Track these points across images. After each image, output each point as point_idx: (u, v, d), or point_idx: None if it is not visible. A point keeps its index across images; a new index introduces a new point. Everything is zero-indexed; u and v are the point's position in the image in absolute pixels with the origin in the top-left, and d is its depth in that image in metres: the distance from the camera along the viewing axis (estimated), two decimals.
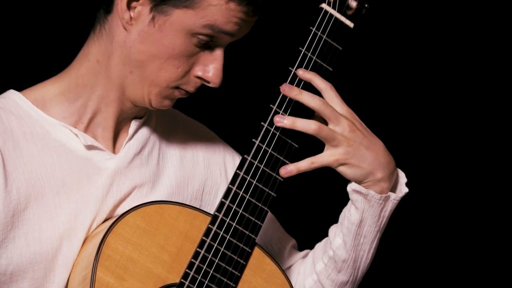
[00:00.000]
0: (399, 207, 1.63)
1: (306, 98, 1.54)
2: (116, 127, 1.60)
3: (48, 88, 1.56)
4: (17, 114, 1.52)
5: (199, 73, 1.54)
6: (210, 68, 1.54)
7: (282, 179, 1.56)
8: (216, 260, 1.51)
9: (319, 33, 1.58)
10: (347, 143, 1.55)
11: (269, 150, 1.55)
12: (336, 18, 1.59)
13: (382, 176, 1.59)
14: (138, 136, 1.63)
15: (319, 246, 1.73)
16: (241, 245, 1.53)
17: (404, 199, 1.64)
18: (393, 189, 1.63)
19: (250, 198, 1.53)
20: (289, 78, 1.56)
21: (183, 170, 1.68)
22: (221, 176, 1.74)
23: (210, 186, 1.72)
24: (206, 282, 1.50)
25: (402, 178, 1.66)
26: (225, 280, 1.52)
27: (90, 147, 1.55)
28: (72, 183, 1.52)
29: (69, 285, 1.51)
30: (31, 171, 1.49)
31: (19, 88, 1.57)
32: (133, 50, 1.51)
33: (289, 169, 1.55)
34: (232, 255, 1.52)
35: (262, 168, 1.54)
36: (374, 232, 1.63)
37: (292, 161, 1.56)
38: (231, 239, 1.52)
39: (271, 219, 1.80)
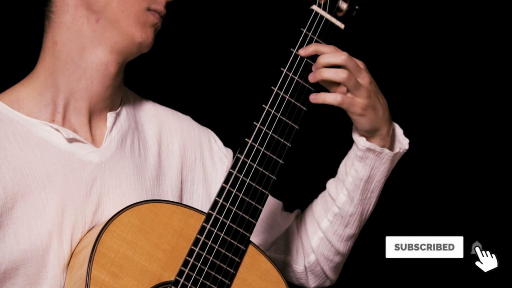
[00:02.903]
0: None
1: (330, 56, 1.57)
2: (90, 107, 1.61)
3: (20, 89, 1.60)
4: None
5: None
6: None
7: (275, 178, 1.57)
8: (211, 258, 1.52)
9: (310, 34, 1.60)
10: (367, 94, 1.59)
11: (262, 149, 1.56)
12: (326, 20, 1.62)
13: (387, 131, 1.65)
14: (118, 128, 1.65)
15: (317, 204, 1.77)
16: (235, 243, 1.54)
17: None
18: (392, 142, 1.69)
19: (244, 197, 1.55)
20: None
21: (161, 162, 1.70)
22: (195, 162, 1.76)
23: (186, 173, 1.75)
24: (201, 279, 1.51)
25: (398, 129, 1.71)
26: (220, 277, 1.52)
27: (71, 140, 1.58)
28: (58, 178, 1.54)
29: (66, 285, 1.52)
30: (16, 170, 1.51)
31: None
32: None
33: (316, 97, 1.58)
34: (227, 253, 1.53)
35: (256, 167, 1.56)
36: (381, 186, 1.70)
37: (284, 160, 1.57)
38: (225, 237, 1.53)
39: None
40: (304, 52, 1.59)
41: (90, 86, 1.60)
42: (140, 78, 1.67)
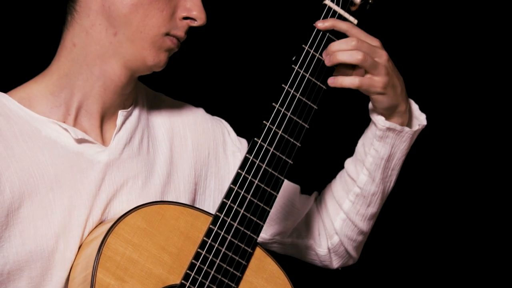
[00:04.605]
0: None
1: (341, 43, 1.55)
2: (102, 111, 1.58)
3: (33, 86, 1.56)
4: (4, 115, 1.51)
5: (184, 14, 1.56)
6: (192, 6, 1.56)
7: (284, 179, 1.54)
8: (217, 261, 1.50)
9: (322, 30, 1.57)
10: (386, 71, 1.57)
11: (271, 149, 1.53)
12: (339, 15, 1.59)
13: (405, 107, 1.63)
14: (127, 126, 1.62)
15: (336, 185, 1.76)
16: (243, 246, 1.52)
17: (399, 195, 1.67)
18: (409, 118, 1.68)
19: (252, 198, 1.52)
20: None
21: (172, 157, 1.68)
22: (209, 157, 1.74)
23: (200, 168, 1.72)
24: (207, 283, 1.49)
25: (414, 104, 1.70)
26: (226, 281, 1.50)
27: (80, 141, 1.55)
28: (65, 178, 1.52)
29: (69, 286, 1.50)
30: (24, 169, 1.48)
31: (5, 90, 1.57)
32: (114, 7, 1.52)
33: (333, 81, 1.56)
34: (233, 256, 1.51)
35: (264, 167, 1.53)
36: (401, 163, 1.69)
37: (294, 160, 1.55)
38: (232, 239, 1.51)
39: None
40: (321, 24, 1.56)
41: (103, 92, 1.57)
42: (151, 74, 1.63)
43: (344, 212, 1.73)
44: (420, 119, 1.68)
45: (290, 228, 1.79)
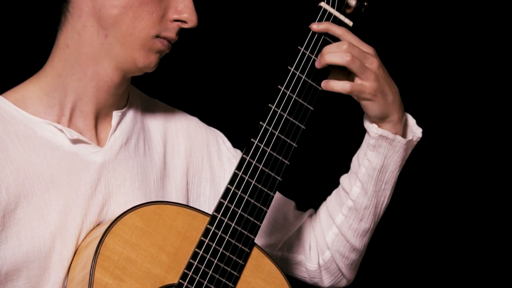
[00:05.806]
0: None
1: (332, 47, 1.56)
2: (96, 112, 1.59)
3: (27, 87, 1.57)
4: None
5: (175, 16, 1.56)
6: (183, 9, 1.56)
7: (281, 179, 1.55)
8: (215, 261, 1.50)
9: (317, 32, 1.58)
10: (375, 77, 1.57)
11: (268, 150, 1.54)
12: (335, 17, 1.60)
13: (398, 117, 1.62)
14: (122, 127, 1.63)
15: (331, 200, 1.75)
16: (240, 246, 1.52)
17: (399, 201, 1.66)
18: (404, 131, 1.67)
19: (249, 198, 1.53)
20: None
21: (166, 163, 1.68)
22: (202, 163, 1.74)
23: (192, 174, 1.72)
24: (205, 282, 1.50)
25: (411, 119, 1.69)
26: (224, 280, 1.51)
27: (75, 141, 1.55)
28: (61, 179, 1.52)
29: (68, 286, 1.50)
30: (19, 170, 1.49)
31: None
32: (104, 10, 1.53)
33: (326, 84, 1.57)
34: (231, 256, 1.52)
35: (261, 168, 1.54)
36: (395, 178, 1.67)
37: (290, 162, 1.55)
38: (229, 239, 1.51)
39: None
40: (316, 27, 1.57)
41: (96, 93, 1.57)
42: (147, 78, 1.64)
43: (337, 226, 1.72)
44: (415, 132, 1.67)
45: (280, 240, 1.79)
